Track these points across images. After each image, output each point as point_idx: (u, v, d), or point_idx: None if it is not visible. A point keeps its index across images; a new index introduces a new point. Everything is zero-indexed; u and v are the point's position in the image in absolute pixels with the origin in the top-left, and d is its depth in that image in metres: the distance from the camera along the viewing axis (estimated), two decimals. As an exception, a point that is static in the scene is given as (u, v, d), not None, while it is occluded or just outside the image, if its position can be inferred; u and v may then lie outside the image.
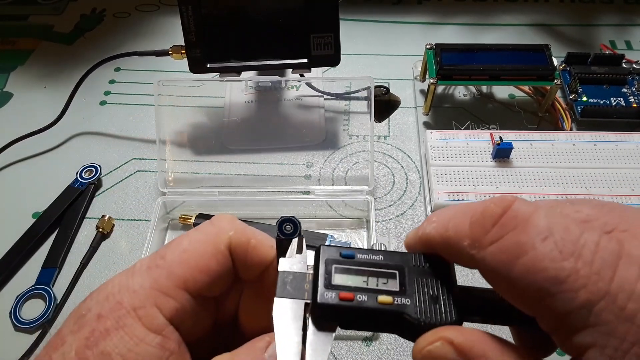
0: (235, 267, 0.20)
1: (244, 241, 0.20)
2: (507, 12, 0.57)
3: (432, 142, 0.42)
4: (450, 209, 0.18)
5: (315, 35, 0.40)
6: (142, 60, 0.52)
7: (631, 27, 0.55)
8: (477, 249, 0.16)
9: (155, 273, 0.18)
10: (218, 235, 0.20)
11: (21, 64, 0.53)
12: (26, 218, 0.41)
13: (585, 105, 0.45)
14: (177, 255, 0.19)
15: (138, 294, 0.18)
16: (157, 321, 0.18)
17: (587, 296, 0.14)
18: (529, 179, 0.39)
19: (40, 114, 0.48)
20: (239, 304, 0.21)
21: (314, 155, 0.44)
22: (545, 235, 0.15)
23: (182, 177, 0.43)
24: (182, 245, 0.19)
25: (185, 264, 0.19)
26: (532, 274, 0.15)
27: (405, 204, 0.41)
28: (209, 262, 0.19)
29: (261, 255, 0.20)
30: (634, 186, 0.39)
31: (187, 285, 0.18)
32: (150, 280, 0.18)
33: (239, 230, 0.20)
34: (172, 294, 0.18)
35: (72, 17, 0.58)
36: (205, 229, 0.20)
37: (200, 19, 0.39)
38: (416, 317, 0.18)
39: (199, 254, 0.19)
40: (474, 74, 0.44)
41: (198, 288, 0.19)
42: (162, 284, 0.18)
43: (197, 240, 0.19)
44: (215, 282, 0.19)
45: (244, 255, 0.20)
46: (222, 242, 0.19)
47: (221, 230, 0.20)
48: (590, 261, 0.15)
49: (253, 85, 0.49)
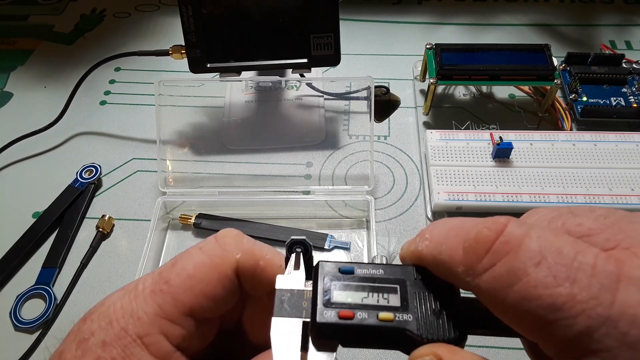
0: (242, 286, 0.20)
1: (252, 264, 0.19)
2: (507, 12, 0.57)
3: (432, 142, 0.42)
4: (443, 227, 0.18)
5: (315, 35, 0.40)
6: (142, 60, 0.52)
7: (631, 27, 0.55)
8: (471, 277, 0.16)
9: (159, 299, 0.18)
10: (224, 259, 0.19)
11: (21, 64, 0.53)
12: (26, 218, 0.41)
13: (585, 105, 0.45)
14: (182, 281, 0.18)
15: (143, 321, 0.17)
16: (165, 349, 0.17)
17: (587, 322, 0.14)
18: (529, 179, 0.39)
19: (40, 114, 0.48)
20: (243, 311, 0.21)
21: (314, 155, 0.44)
22: (538, 259, 0.15)
23: (182, 177, 0.43)
24: (186, 270, 0.19)
25: (190, 290, 0.18)
26: (527, 301, 0.14)
27: (405, 204, 0.41)
28: (215, 288, 0.18)
29: (270, 277, 0.19)
30: (634, 186, 0.39)
31: (193, 312, 0.18)
32: (155, 307, 0.18)
33: (246, 251, 0.19)
34: (178, 322, 0.18)
35: (72, 17, 0.58)
36: (210, 250, 0.19)
37: (200, 19, 0.39)
38: (418, 333, 0.17)
39: (206, 280, 0.18)
40: (474, 74, 0.44)
41: (205, 314, 0.18)
42: (167, 312, 0.18)
43: (202, 265, 0.19)
44: (221, 305, 0.19)
45: (252, 277, 0.19)
46: (229, 267, 0.19)
47: (228, 253, 0.19)
48: (587, 285, 0.14)
49: (253, 85, 0.49)
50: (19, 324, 0.35)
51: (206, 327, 0.19)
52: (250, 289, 0.20)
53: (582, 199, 0.38)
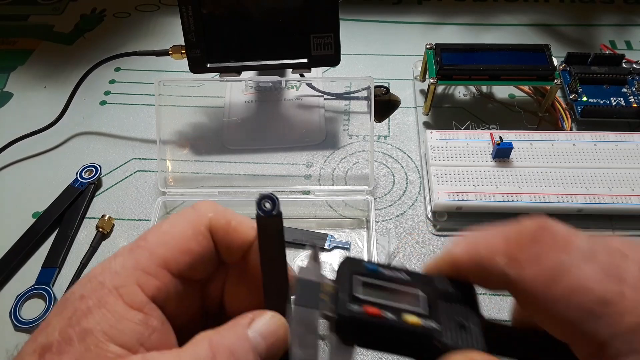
0: (217, 248, 0.20)
1: (224, 222, 0.20)
2: (507, 12, 0.57)
3: (432, 142, 0.42)
4: (478, 233, 0.18)
5: (315, 35, 0.40)
6: (142, 60, 0.52)
7: (631, 27, 0.55)
8: (515, 268, 0.16)
9: (136, 254, 0.19)
10: (198, 217, 0.20)
11: (21, 64, 0.53)
12: (26, 218, 0.41)
13: (585, 105, 0.45)
14: (157, 237, 0.19)
15: (119, 274, 0.18)
16: (139, 298, 0.18)
17: (635, 319, 0.14)
18: (529, 179, 0.39)
19: (40, 114, 0.48)
20: (224, 288, 0.22)
21: (314, 155, 0.44)
22: (588, 256, 0.15)
23: (182, 177, 0.43)
24: (162, 227, 0.20)
25: (166, 245, 0.19)
26: (576, 294, 0.15)
27: (405, 204, 0.41)
28: (190, 242, 0.19)
29: (242, 236, 0.20)
30: (634, 186, 0.39)
31: (168, 265, 0.19)
32: (132, 261, 0.18)
33: (218, 212, 0.20)
34: (154, 273, 0.18)
35: (72, 17, 0.58)
36: (185, 212, 0.20)
37: (200, 19, 0.39)
38: (445, 342, 0.16)
39: (180, 235, 0.19)
40: (474, 74, 0.44)
41: (180, 268, 0.19)
42: (143, 264, 0.18)
43: (177, 223, 0.20)
44: (197, 263, 0.20)
45: (225, 236, 0.20)
46: (202, 224, 0.20)
47: (201, 213, 0.20)
48: (635, 286, 0.14)
49: (253, 85, 0.49)
50: (19, 324, 0.35)
51: (184, 290, 0.19)
52: (224, 250, 0.20)
53: (582, 199, 0.38)
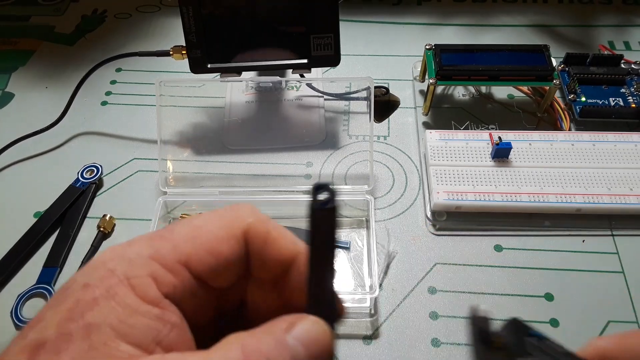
0: (250, 260, 0.18)
1: (263, 231, 0.18)
2: (506, 13, 0.57)
3: (431, 142, 0.42)
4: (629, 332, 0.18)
5: (315, 36, 0.40)
6: (143, 61, 0.52)
7: (630, 28, 0.56)
8: None
9: (157, 244, 0.17)
10: (236, 220, 0.18)
11: (22, 65, 0.54)
12: (27, 217, 0.41)
13: (584, 105, 0.45)
14: (186, 231, 0.17)
15: (134, 262, 0.16)
16: (152, 293, 0.16)
17: None
18: (528, 179, 0.39)
19: (41, 114, 0.48)
20: (247, 295, 0.20)
21: (314, 155, 0.45)
22: None
23: (182, 177, 0.43)
24: (193, 222, 0.18)
25: (193, 241, 0.17)
26: None
27: (404, 204, 0.41)
28: (220, 244, 0.17)
29: (281, 250, 0.18)
30: (632, 186, 0.39)
31: (190, 263, 0.17)
32: (151, 250, 0.16)
33: (259, 219, 0.18)
34: (172, 269, 0.16)
35: (74, 18, 0.58)
36: (222, 211, 0.18)
37: (201, 20, 0.39)
38: None
39: (212, 235, 0.17)
40: (473, 74, 0.44)
41: (202, 270, 0.17)
42: (163, 256, 0.16)
43: (211, 220, 0.18)
44: (222, 268, 0.17)
45: (262, 246, 0.18)
46: (239, 227, 0.18)
47: (240, 216, 0.18)
48: None
49: (253, 86, 0.49)
50: (20, 324, 0.35)
51: (201, 293, 0.17)
52: (258, 264, 0.18)
53: (581, 199, 0.38)
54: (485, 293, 0.36)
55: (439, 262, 0.38)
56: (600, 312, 0.35)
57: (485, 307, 0.20)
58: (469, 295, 0.36)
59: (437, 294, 0.36)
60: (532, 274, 0.37)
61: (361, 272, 0.37)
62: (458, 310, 0.35)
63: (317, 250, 0.17)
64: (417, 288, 0.37)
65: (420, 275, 0.37)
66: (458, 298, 0.36)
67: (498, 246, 0.39)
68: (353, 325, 0.35)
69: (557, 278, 0.37)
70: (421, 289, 0.37)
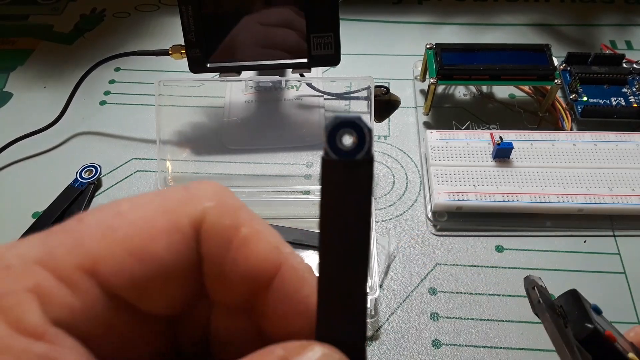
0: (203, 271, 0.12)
1: (229, 225, 0.11)
2: (508, 12, 0.57)
3: (432, 142, 0.42)
4: None
5: (315, 35, 0.40)
6: (142, 60, 0.52)
7: (632, 27, 0.55)
8: None
9: (53, 240, 0.11)
10: (185, 203, 0.11)
11: (21, 64, 0.53)
12: (26, 218, 0.41)
13: (585, 105, 0.45)
14: (101, 219, 0.11)
15: (12, 271, 0.10)
16: (32, 319, 0.10)
17: None
18: (529, 179, 0.39)
19: (40, 114, 0.48)
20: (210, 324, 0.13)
21: (314, 155, 0.44)
22: None
23: (182, 177, 0.43)
24: (118, 206, 0.11)
25: (107, 234, 0.11)
26: None
27: (405, 204, 0.41)
28: (153, 241, 0.11)
29: (255, 259, 0.11)
30: (634, 186, 0.39)
31: (98, 271, 0.10)
32: (41, 251, 0.11)
33: (224, 204, 0.12)
34: (70, 280, 0.10)
35: (72, 17, 0.58)
36: (169, 191, 0.12)
37: (200, 19, 0.39)
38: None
39: (139, 223, 0.11)
40: (474, 73, 0.44)
41: (119, 282, 0.11)
42: (56, 259, 0.10)
43: (145, 203, 0.11)
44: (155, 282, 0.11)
45: (224, 250, 0.11)
46: (186, 215, 0.11)
47: (193, 197, 0.12)
48: None
49: (253, 85, 0.49)
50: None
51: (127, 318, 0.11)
52: (214, 273, 0.12)
53: (583, 199, 0.38)
54: (487, 294, 0.36)
55: (439, 263, 0.38)
56: (602, 313, 0.35)
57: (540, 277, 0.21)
58: (470, 296, 0.36)
59: (438, 295, 0.36)
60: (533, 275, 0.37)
61: (361, 273, 0.37)
62: (459, 311, 0.35)
63: (338, 234, 0.10)
64: (417, 289, 0.36)
65: (421, 276, 0.37)
66: (459, 299, 0.36)
67: (499, 247, 0.38)
68: (353, 326, 0.35)
69: (558, 279, 0.36)
70: (422, 289, 0.36)
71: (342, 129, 0.10)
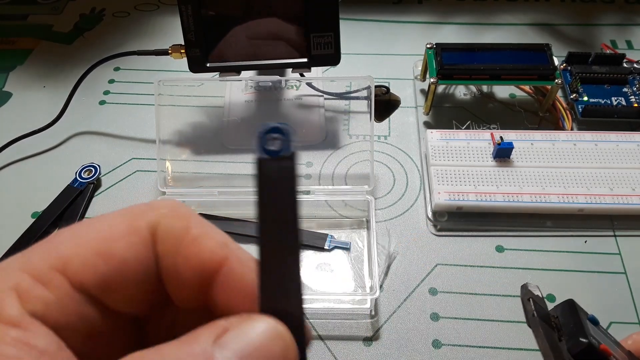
0: (160, 268, 0.13)
1: (181, 226, 0.13)
2: (508, 12, 0.57)
3: (432, 142, 0.42)
4: None
5: (315, 35, 0.40)
6: (142, 60, 0.51)
7: (632, 27, 0.55)
8: None
9: (32, 250, 0.13)
10: (141, 211, 0.14)
11: (20, 64, 0.53)
12: (25, 218, 0.41)
13: (586, 105, 0.44)
14: (71, 229, 0.13)
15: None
16: (11, 311, 0.12)
17: None
18: (530, 179, 0.39)
19: (39, 114, 0.47)
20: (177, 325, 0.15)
21: (314, 155, 0.44)
22: None
23: (181, 177, 0.42)
24: (89, 220, 0.14)
25: (74, 239, 0.13)
26: None
27: (405, 204, 0.41)
28: (115, 241, 0.13)
29: (204, 253, 0.13)
30: (634, 186, 0.39)
31: (69, 269, 0.12)
32: (21, 259, 0.13)
33: (177, 212, 0.14)
34: (44, 278, 0.12)
35: (72, 16, 0.58)
36: (133, 206, 0.14)
37: (199, 19, 0.39)
38: None
39: (102, 229, 0.13)
40: (474, 73, 0.44)
41: (87, 278, 0.13)
42: (33, 264, 0.13)
43: (110, 215, 0.14)
44: (118, 278, 0.13)
45: (175, 248, 0.13)
46: (143, 220, 0.13)
47: (150, 208, 0.14)
48: None
49: (253, 85, 0.49)
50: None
51: (99, 315, 0.13)
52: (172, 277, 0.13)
53: (583, 199, 0.38)
54: (487, 294, 0.36)
55: (440, 263, 0.37)
56: (602, 313, 0.35)
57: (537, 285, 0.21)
58: (470, 296, 0.36)
59: (438, 295, 0.36)
60: (533, 275, 0.37)
61: (362, 273, 0.37)
62: (459, 312, 0.35)
63: (271, 221, 0.13)
64: (418, 289, 0.36)
65: (421, 276, 0.37)
66: (459, 299, 0.36)
67: (499, 247, 0.38)
68: (353, 326, 0.35)
69: (559, 279, 0.36)
70: (422, 290, 0.36)
71: (269, 133, 0.13)
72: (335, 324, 0.35)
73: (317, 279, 0.37)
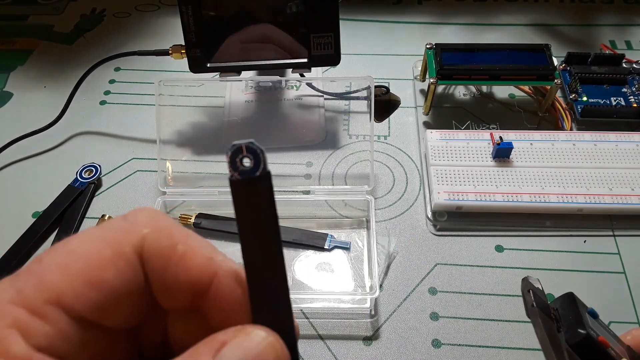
0: (150, 286, 0.14)
1: (166, 245, 0.14)
2: (507, 12, 0.57)
3: (432, 142, 0.42)
4: None
5: (315, 35, 0.40)
6: (142, 60, 0.52)
7: (631, 27, 0.55)
8: None
9: (21, 281, 0.13)
10: (125, 233, 0.14)
11: (21, 64, 0.53)
12: (26, 218, 0.41)
13: (585, 105, 0.45)
14: (56, 258, 0.13)
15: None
16: (18, 349, 0.12)
17: None
18: (529, 179, 0.39)
19: (40, 114, 0.48)
20: (167, 330, 0.15)
21: (314, 155, 0.44)
22: None
23: (182, 177, 0.43)
24: (69, 244, 0.14)
25: (64, 270, 0.13)
26: None
27: (405, 204, 0.41)
28: (103, 270, 0.13)
29: (192, 270, 0.14)
30: (634, 186, 0.39)
31: (63, 302, 0.13)
32: (12, 292, 0.13)
33: (160, 228, 0.14)
34: (41, 313, 0.13)
35: (72, 17, 0.58)
36: (111, 224, 0.14)
37: (200, 19, 0.39)
38: None
39: (89, 257, 0.13)
40: (474, 73, 0.44)
41: (82, 308, 0.13)
42: (27, 297, 0.13)
43: (92, 239, 0.14)
44: (111, 303, 0.13)
45: (164, 267, 0.14)
46: (129, 243, 0.13)
47: (132, 227, 0.14)
48: None
49: (253, 85, 0.49)
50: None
51: (96, 335, 0.13)
52: (162, 291, 0.14)
53: (582, 199, 0.38)
54: (487, 294, 0.36)
55: (439, 263, 0.38)
56: (601, 312, 0.34)
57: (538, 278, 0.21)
58: (469, 296, 0.36)
59: (437, 295, 0.36)
60: (533, 275, 0.37)
61: (361, 272, 0.37)
62: (459, 311, 0.35)
63: (253, 240, 0.13)
64: (417, 289, 0.36)
65: (421, 276, 0.37)
66: (459, 299, 0.36)
67: (499, 246, 0.38)
68: (353, 326, 0.35)
69: (558, 278, 0.36)
70: (422, 289, 0.36)
71: (240, 154, 0.13)
72: (335, 323, 0.35)
73: (317, 279, 0.37)
